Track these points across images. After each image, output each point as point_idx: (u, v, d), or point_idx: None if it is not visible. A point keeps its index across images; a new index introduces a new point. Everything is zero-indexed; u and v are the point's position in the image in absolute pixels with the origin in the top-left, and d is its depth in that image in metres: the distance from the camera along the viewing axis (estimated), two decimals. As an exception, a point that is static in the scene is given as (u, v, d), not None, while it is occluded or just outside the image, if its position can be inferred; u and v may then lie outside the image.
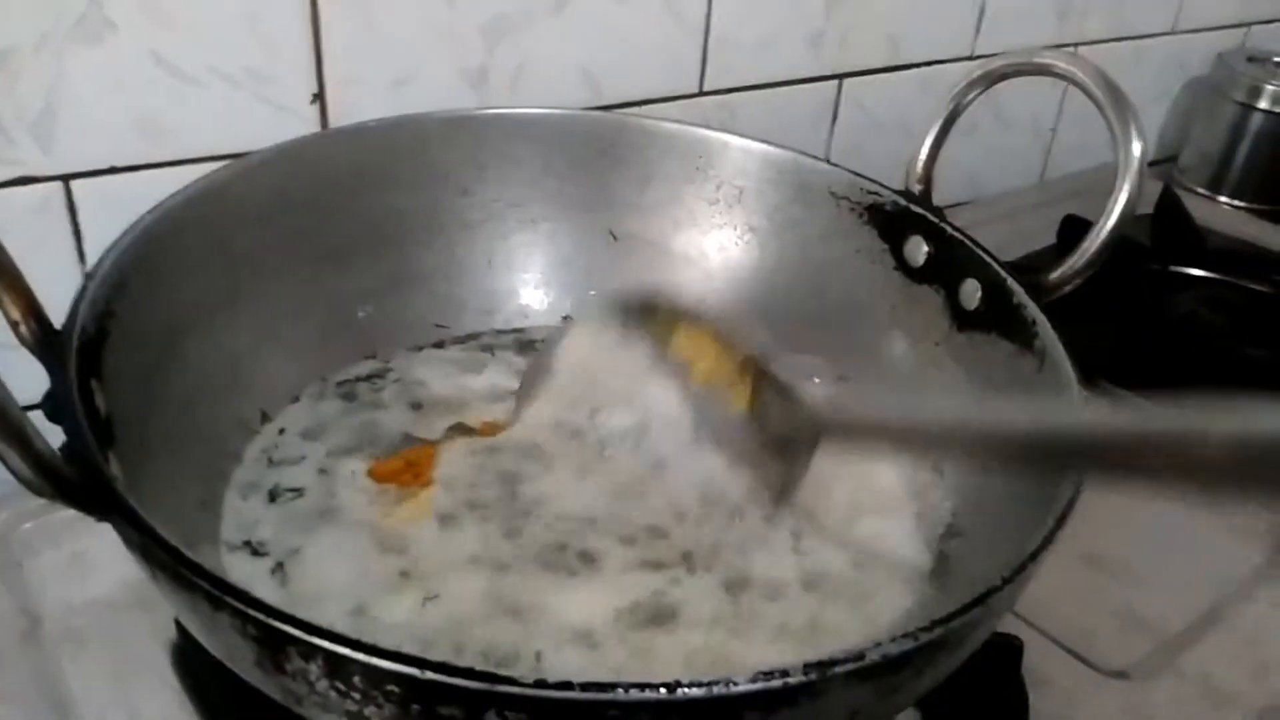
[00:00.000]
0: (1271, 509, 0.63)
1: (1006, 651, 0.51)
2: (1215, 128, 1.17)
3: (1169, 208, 0.94)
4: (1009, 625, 0.53)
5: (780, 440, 0.49)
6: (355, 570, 0.48)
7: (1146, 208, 0.95)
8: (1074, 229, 0.91)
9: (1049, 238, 0.92)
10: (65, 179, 0.62)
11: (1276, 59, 1.14)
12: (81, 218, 0.63)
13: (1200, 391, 0.35)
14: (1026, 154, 1.14)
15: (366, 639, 0.31)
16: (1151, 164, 1.26)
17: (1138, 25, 1.13)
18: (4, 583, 0.54)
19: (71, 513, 0.36)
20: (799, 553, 0.51)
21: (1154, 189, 0.98)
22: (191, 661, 0.50)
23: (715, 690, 0.32)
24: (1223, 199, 1.17)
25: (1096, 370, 0.48)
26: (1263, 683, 0.55)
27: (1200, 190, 1.18)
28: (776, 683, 0.32)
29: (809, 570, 0.51)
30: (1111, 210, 0.52)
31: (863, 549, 0.52)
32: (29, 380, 0.39)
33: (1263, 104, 1.13)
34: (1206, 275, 0.89)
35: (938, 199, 0.60)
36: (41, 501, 0.36)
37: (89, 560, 0.54)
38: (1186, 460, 0.36)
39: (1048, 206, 0.99)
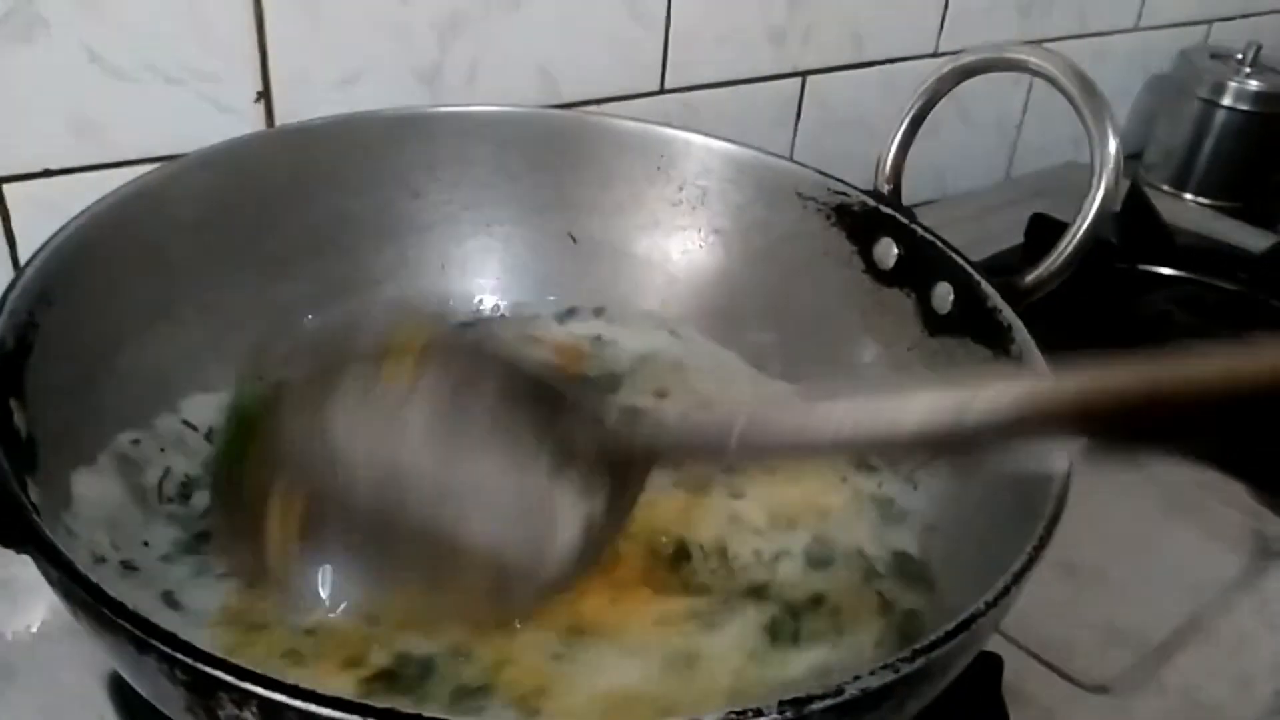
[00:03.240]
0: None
1: (986, 669, 0.49)
2: (1179, 125, 1.16)
3: (1137, 206, 0.93)
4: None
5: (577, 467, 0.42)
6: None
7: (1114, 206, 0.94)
8: (1042, 228, 0.89)
9: (1016, 237, 0.91)
10: (-3, 182, 0.59)
11: (1239, 55, 1.13)
12: (15, 223, 0.60)
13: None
14: (992, 152, 1.13)
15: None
16: (1116, 161, 1.26)
17: (1100, 22, 1.13)
18: (-75, 612, 0.51)
19: (-3, 544, 0.33)
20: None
21: (1122, 187, 0.97)
22: (129, 696, 0.47)
23: (684, 730, 0.29)
24: (1188, 196, 1.17)
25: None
26: (1246, 694, 0.53)
27: (1165, 188, 1.17)
28: (749, 720, 0.30)
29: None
30: (1088, 210, 0.51)
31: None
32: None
33: (1226, 100, 1.12)
34: (1176, 274, 0.88)
35: (904, 199, 0.58)
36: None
37: (15, 589, 0.51)
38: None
39: (1014, 205, 0.98)
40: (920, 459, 0.42)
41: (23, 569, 0.46)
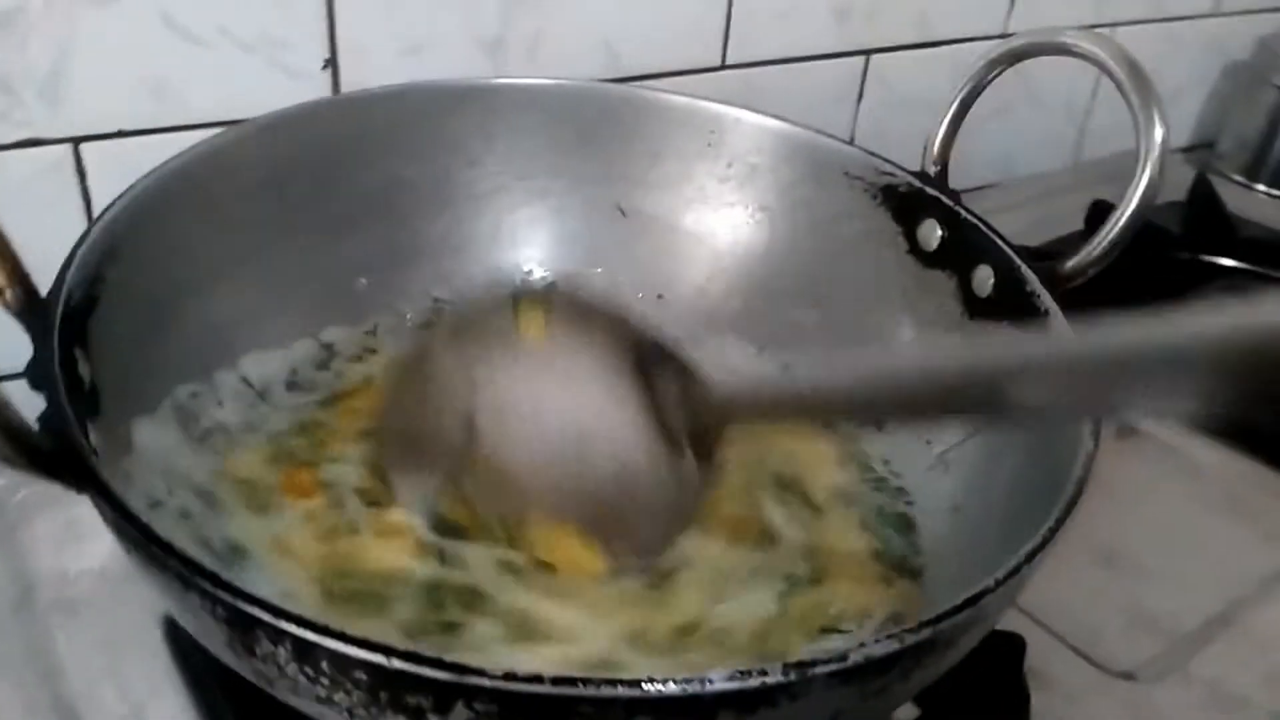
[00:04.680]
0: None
1: (1008, 648, 0.49)
2: (1254, 114, 1.13)
3: (1202, 195, 0.92)
4: (1011, 621, 0.51)
5: (681, 427, 0.46)
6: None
7: (1180, 195, 0.93)
8: (1102, 214, 0.88)
9: (1078, 223, 0.90)
10: (74, 142, 0.61)
11: (1320, 43, 1.10)
12: (91, 181, 0.62)
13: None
14: (1060, 136, 1.11)
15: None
16: (1188, 150, 1.23)
17: (1177, 7, 1.10)
18: (-2, 550, 0.54)
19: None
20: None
21: (1189, 176, 0.95)
22: (182, 636, 0.49)
23: (690, 688, 0.31)
24: (1260, 187, 1.14)
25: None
26: (1273, 689, 0.53)
27: (1237, 178, 1.15)
28: (754, 682, 0.31)
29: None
30: (1131, 196, 0.51)
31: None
32: (20, 348, 0.38)
33: (1304, 90, 1.09)
34: (1237, 265, 0.86)
35: (968, 180, 0.58)
36: (34, 470, 0.35)
37: (83, 529, 0.54)
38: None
39: (1080, 190, 0.96)
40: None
41: (88, 510, 0.49)
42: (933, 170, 0.57)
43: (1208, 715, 0.52)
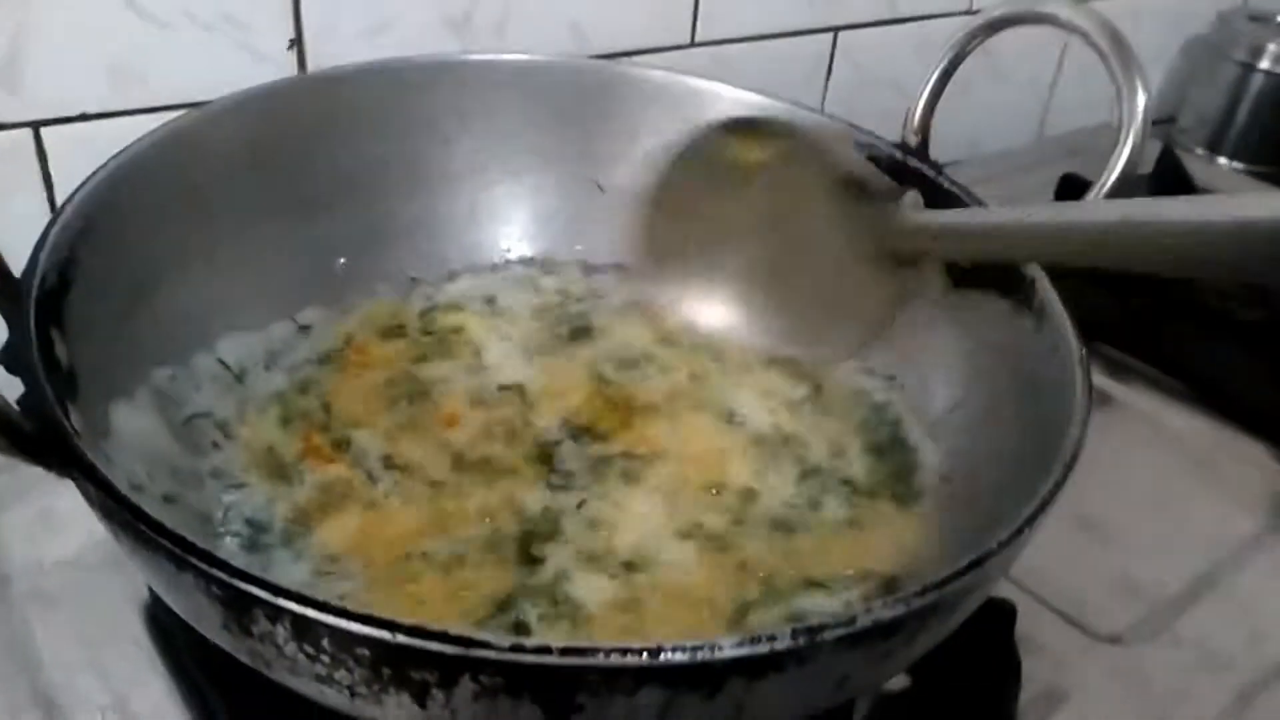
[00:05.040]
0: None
1: (999, 615, 0.50)
2: (1215, 88, 1.15)
3: (1169, 168, 0.93)
4: (1001, 589, 0.51)
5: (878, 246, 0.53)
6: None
7: (1145, 168, 0.93)
8: (1073, 188, 0.89)
9: (1047, 196, 0.90)
10: (35, 126, 0.60)
11: (1278, 18, 1.12)
12: (53, 165, 0.61)
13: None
14: (1025, 111, 1.12)
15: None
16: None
17: (1139, -18, 1.11)
18: (-30, 540, 0.53)
19: (40, 468, 0.35)
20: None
21: (1153, 149, 0.96)
22: (164, 623, 0.49)
23: (700, 655, 0.30)
24: (1222, 160, 1.15)
25: (1093, 333, 0.47)
26: (1258, 649, 0.54)
27: (1199, 151, 1.16)
28: (763, 647, 0.31)
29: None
30: (1114, 166, 0.51)
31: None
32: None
33: (1264, 64, 1.11)
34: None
35: (935, 157, 0.58)
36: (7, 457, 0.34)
37: (59, 517, 0.53)
38: None
39: (1046, 165, 0.97)
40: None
41: (61, 499, 0.49)
42: (913, 141, 0.57)
43: (1195, 676, 0.52)
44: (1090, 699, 0.51)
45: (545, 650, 0.30)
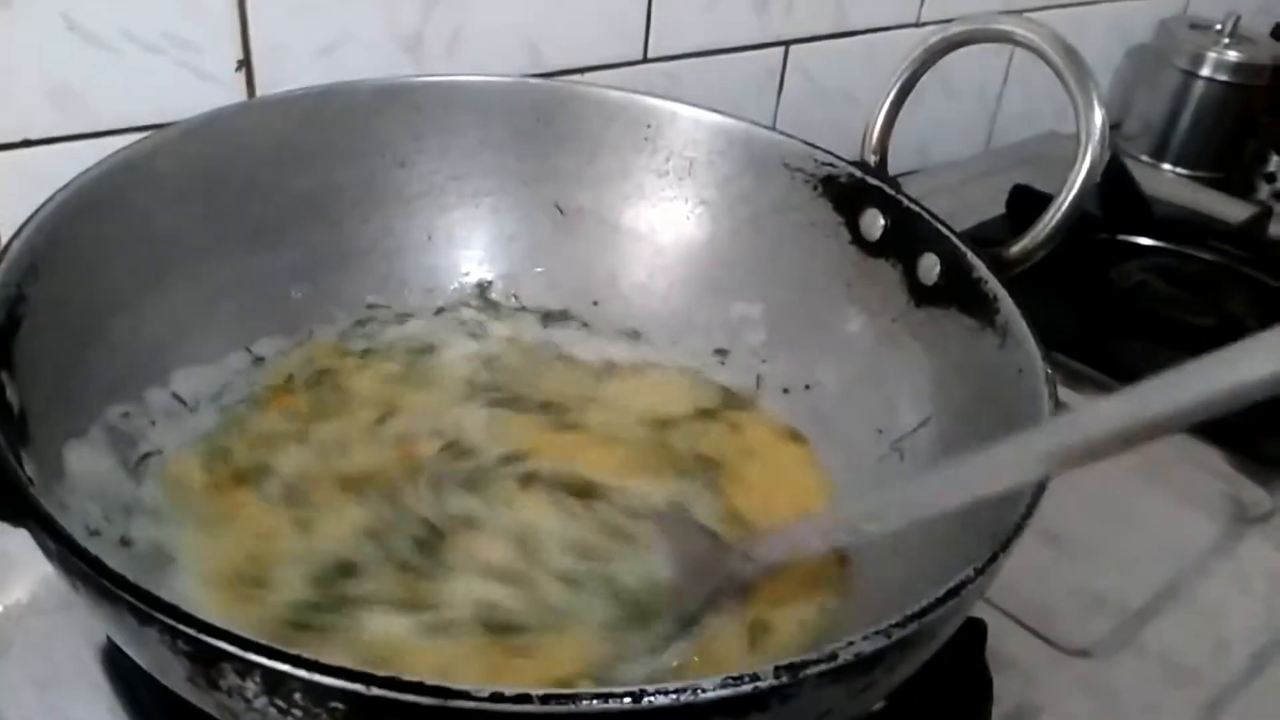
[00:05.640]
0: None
1: (971, 633, 0.50)
2: (1158, 96, 1.17)
3: (1116, 176, 0.94)
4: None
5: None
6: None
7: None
8: (1024, 198, 0.90)
9: (997, 207, 0.92)
10: (-25, 152, 0.58)
11: (1218, 26, 1.14)
12: (-7, 193, 0.59)
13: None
14: (973, 123, 1.13)
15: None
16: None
17: (1081, -9, 1.13)
18: (-85, 585, 0.51)
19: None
20: None
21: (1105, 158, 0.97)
22: (123, 667, 0.47)
23: (683, 697, 0.30)
24: (1166, 167, 1.17)
25: (1048, 342, 0.48)
26: (1223, 659, 0.55)
27: (1144, 158, 1.18)
28: (746, 687, 0.30)
29: None
30: (1073, 182, 0.51)
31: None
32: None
33: (1205, 71, 1.13)
34: (1154, 244, 0.88)
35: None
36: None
37: (9, 560, 0.51)
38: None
39: (995, 175, 0.98)
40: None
41: (11, 541, 0.46)
42: (872, 159, 0.57)
43: (1163, 689, 0.53)
44: (1061, 714, 0.51)
45: (525, 699, 0.29)
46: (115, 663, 0.48)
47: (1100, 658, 0.54)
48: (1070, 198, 0.51)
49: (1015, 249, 0.52)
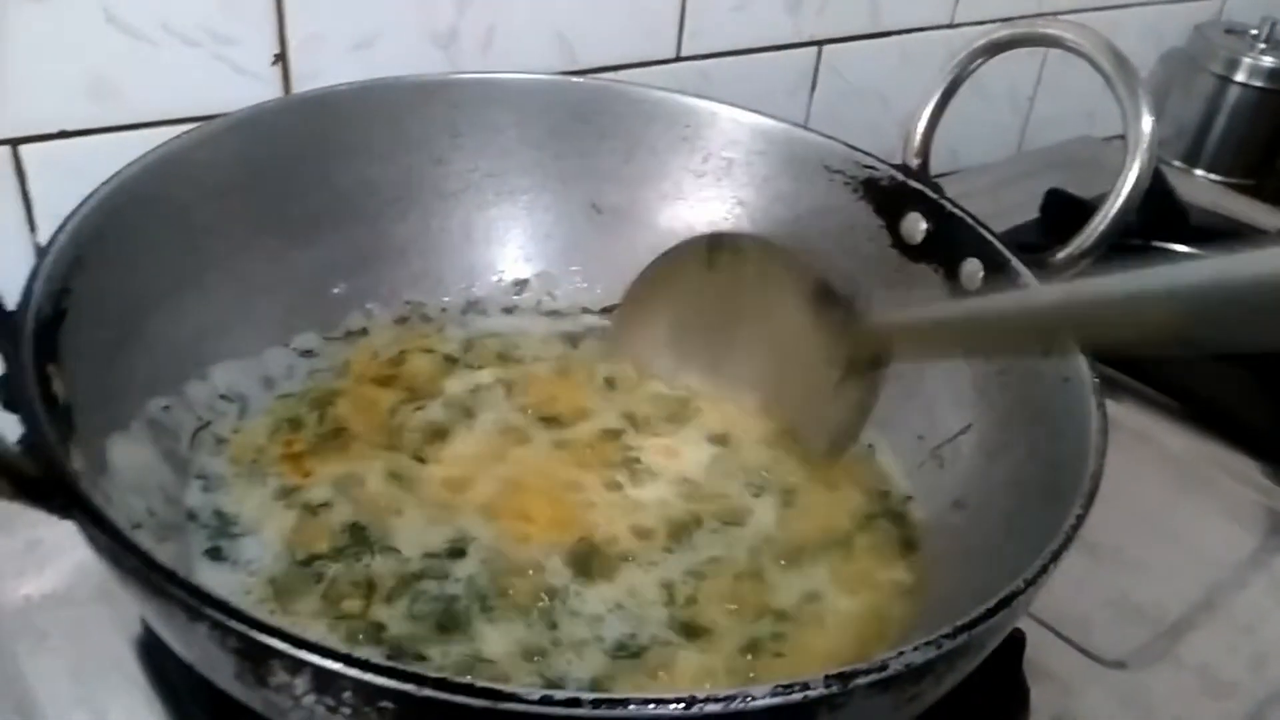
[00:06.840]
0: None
1: (1009, 644, 0.49)
2: (1192, 100, 1.16)
3: (1153, 183, 0.92)
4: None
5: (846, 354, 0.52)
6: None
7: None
8: (1059, 203, 0.89)
9: (1031, 211, 0.91)
10: (13, 143, 0.59)
11: (1254, 31, 1.13)
12: (31, 184, 0.60)
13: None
14: (1004, 125, 1.12)
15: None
16: (1128, 137, 1.25)
17: (1115, -5, 1.12)
18: (-46, 575, 0.51)
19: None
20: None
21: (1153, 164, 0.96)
22: (159, 658, 0.47)
23: (733, 705, 0.30)
24: (1199, 173, 1.16)
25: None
26: (1261, 672, 0.54)
27: (1177, 163, 1.17)
28: (797, 695, 0.30)
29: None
30: (1120, 189, 0.51)
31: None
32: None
33: (1240, 76, 1.12)
34: (1190, 251, 0.87)
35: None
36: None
37: (43, 550, 0.51)
38: None
39: (1027, 179, 0.97)
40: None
41: (48, 531, 0.47)
42: (914, 163, 0.57)
43: (1200, 702, 0.52)
44: (1098, 726, 0.51)
45: (575, 702, 0.29)
46: (150, 653, 0.48)
47: (1136, 669, 0.54)
48: (1119, 204, 0.50)
49: (1061, 255, 0.52)
